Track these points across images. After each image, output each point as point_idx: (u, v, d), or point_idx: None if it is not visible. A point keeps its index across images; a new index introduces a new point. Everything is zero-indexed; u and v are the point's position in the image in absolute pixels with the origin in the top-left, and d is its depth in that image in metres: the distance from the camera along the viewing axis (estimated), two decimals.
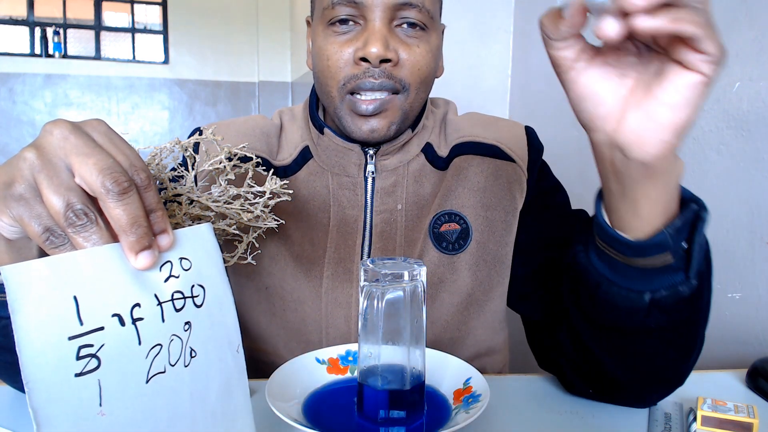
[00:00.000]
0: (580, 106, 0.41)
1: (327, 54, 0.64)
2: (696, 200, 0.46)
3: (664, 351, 0.52)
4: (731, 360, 0.88)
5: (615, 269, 0.48)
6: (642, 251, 0.45)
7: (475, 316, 0.71)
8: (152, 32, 4.24)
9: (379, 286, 0.47)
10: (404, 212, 0.71)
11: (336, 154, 0.72)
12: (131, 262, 0.34)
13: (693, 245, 0.45)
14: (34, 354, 0.30)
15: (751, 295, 0.86)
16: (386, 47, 0.62)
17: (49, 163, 0.34)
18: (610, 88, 0.40)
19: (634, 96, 0.39)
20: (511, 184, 0.71)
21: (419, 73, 0.65)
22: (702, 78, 0.35)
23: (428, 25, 0.64)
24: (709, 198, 0.93)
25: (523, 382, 0.66)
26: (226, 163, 0.54)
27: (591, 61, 0.39)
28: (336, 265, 0.69)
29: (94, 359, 0.32)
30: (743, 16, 0.86)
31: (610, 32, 0.33)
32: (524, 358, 0.88)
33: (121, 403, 0.33)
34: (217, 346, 0.41)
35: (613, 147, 0.41)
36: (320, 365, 0.58)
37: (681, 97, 0.36)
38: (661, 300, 0.47)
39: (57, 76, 4.04)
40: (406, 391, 0.49)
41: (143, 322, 0.35)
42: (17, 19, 3.99)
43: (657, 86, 0.37)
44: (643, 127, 0.38)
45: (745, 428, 0.51)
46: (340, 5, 0.62)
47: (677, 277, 0.47)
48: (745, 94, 0.86)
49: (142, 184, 0.35)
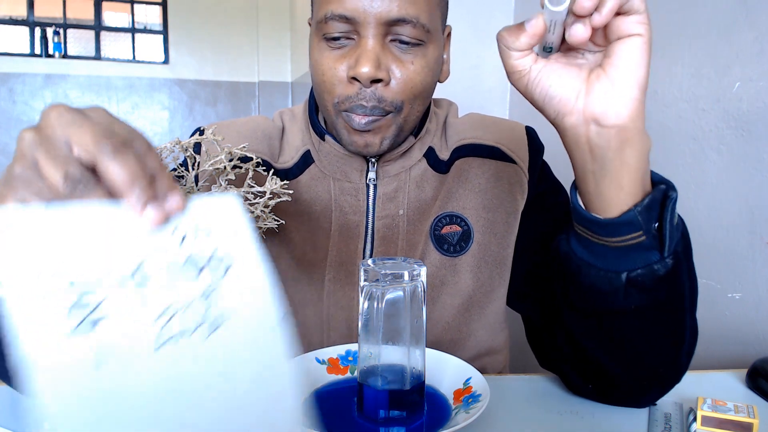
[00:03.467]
0: (548, 96, 0.46)
1: (322, 69, 0.64)
2: (665, 182, 0.48)
3: (649, 336, 0.53)
4: (731, 360, 0.88)
5: (593, 252, 0.51)
6: (614, 230, 0.48)
7: (477, 318, 0.71)
8: (152, 32, 4.24)
9: (379, 286, 0.47)
10: (406, 217, 0.71)
11: (338, 160, 0.72)
12: (138, 221, 0.32)
13: (664, 224, 0.47)
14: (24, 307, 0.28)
15: (751, 295, 0.86)
16: (377, 67, 0.60)
17: (46, 138, 0.33)
18: (572, 74, 0.45)
19: (594, 74, 0.44)
20: (512, 185, 0.72)
21: (413, 91, 0.63)
22: (641, 38, 0.42)
23: (425, 39, 0.63)
24: (709, 198, 0.93)
25: (523, 382, 0.66)
26: (226, 163, 0.54)
27: (547, 63, 0.45)
28: (338, 268, 0.69)
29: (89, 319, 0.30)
30: (743, 17, 0.86)
31: (581, 35, 0.41)
32: (525, 358, 0.88)
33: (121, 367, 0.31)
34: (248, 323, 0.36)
35: (588, 122, 0.45)
36: (320, 365, 0.58)
37: (633, 58, 0.42)
38: (638, 278, 0.49)
39: (57, 76, 4.04)
40: (406, 391, 0.49)
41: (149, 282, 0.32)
42: (17, 19, 3.99)
43: (610, 61, 0.43)
44: (611, 92, 0.43)
45: (745, 428, 0.51)
46: (333, 21, 0.61)
47: (652, 255, 0.49)
48: (745, 94, 0.86)
49: (140, 150, 0.33)
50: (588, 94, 0.44)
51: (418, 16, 0.61)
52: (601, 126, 0.44)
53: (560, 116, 0.46)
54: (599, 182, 0.47)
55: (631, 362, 0.56)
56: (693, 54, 0.95)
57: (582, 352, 0.58)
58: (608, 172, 0.46)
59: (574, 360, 0.60)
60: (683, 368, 0.57)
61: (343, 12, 0.60)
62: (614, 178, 0.46)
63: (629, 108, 0.43)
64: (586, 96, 0.44)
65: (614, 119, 0.44)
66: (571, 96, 0.45)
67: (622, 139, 0.45)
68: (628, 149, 0.45)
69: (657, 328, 0.53)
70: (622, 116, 0.44)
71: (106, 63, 4.14)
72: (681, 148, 0.97)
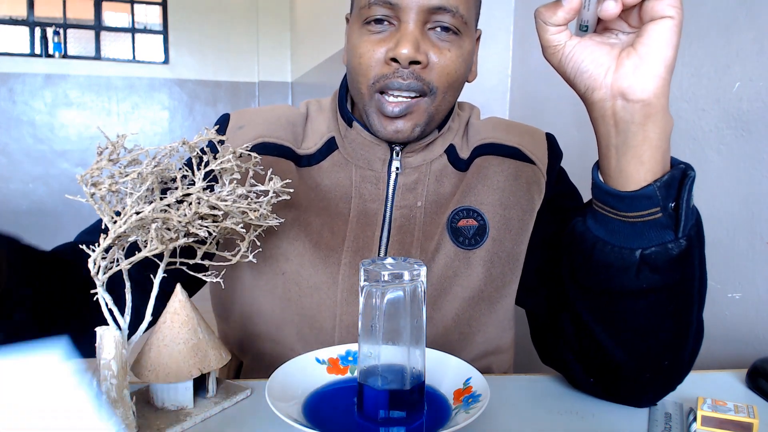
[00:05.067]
0: (580, 71, 0.48)
1: (360, 52, 0.66)
2: (684, 164, 0.50)
3: (656, 322, 0.54)
4: (731, 360, 0.88)
5: (609, 228, 0.52)
6: (632, 203, 0.50)
7: (486, 313, 0.71)
8: (152, 32, 4.24)
9: (379, 286, 0.47)
10: (423, 209, 0.72)
11: (362, 147, 0.73)
12: None
13: (681, 203, 0.49)
14: None
15: (751, 295, 0.86)
16: (417, 49, 0.63)
17: None
18: (604, 51, 0.48)
19: (624, 52, 0.47)
20: (530, 185, 0.73)
21: (448, 78, 0.66)
22: (672, 20, 0.44)
23: (461, 30, 0.66)
24: (709, 198, 0.93)
25: (524, 382, 0.66)
26: (233, 162, 0.54)
27: (580, 40, 0.48)
28: (354, 254, 0.70)
29: None
30: (743, 16, 0.86)
31: (612, 10, 0.44)
32: (528, 357, 0.88)
33: None
34: None
35: (615, 96, 0.47)
36: (320, 365, 0.58)
37: (662, 38, 0.45)
38: (651, 256, 0.50)
39: (57, 76, 4.04)
40: (406, 391, 0.49)
41: None
42: (17, 19, 3.99)
43: (640, 39, 0.46)
44: (639, 69, 0.46)
45: (745, 428, 0.51)
46: (376, 5, 0.64)
47: (667, 235, 0.50)
48: (745, 94, 0.86)
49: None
50: (617, 70, 0.47)
51: (458, 6, 0.64)
52: (627, 100, 0.47)
53: (589, 90, 0.48)
54: (621, 157, 0.49)
55: (636, 348, 0.56)
56: (693, 53, 0.95)
57: (588, 337, 0.58)
58: (631, 146, 0.48)
59: (579, 349, 0.60)
60: (686, 367, 0.57)
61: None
62: (636, 153, 0.48)
63: (654, 84, 0.45)
64: (615, 72, 0.47)
65: (640, 94, 0.46)
66: (601, 72, 0.47)
67: (646, 114, 0.47)
68: (651, 124, 0.47)
69: (665, 313, 0.53)
70: (647, 91, 0.46)
71: (106, 63, 4.15)
72: (681, 148, 0.98)
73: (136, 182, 0.47)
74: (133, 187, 0.47)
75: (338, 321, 0.69)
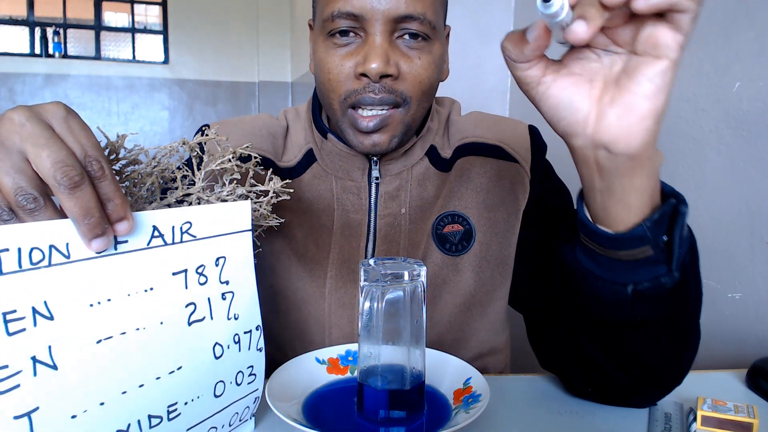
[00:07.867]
0: (556, 117, 0.43)
1: (328, 68, 0.64)
2: (675, 195, 0.47)
3: (653, 345, 0.53)
4: (731, 360, 0.88)
5: (599, 263, 0.49)
6: (622, 244, 0.46)
7: (478, 317, 0.71)
8: (152, 32, 4.24)
9: (379, 286, 0.47)
10: (408, 215, 0.71)
11: (340, 158, 0.72)
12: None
13: (673, 238, 0.46)
14: None
15: (751, 295, 0.86)
16: (386, 62, 0.61)
17: (1, 145, 0.35)
18: (582, 93, 0.41)
19: (607, 95, 0.40)
20: (514, 184, 0.72)
21: (421, 86, 0.64)
22: (670, 63, 0.37)
23: (430, 35, 0.63)
24: (709, 198, 0.93)
25: (524, 382, 0.66)
26: (233, 162, 0.54)
27: (557, 74, 0.41)
28: (340, 266, 0.69)
29: None
30: (743, 16, 0.86)
31: (581, 35, 0.34)
32: (526, 358, 0.88)
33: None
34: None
35: (596, 147, 0.42)
36: (320, 365, 0.58)
37: (655, 85, 0.38)
38: (644, 292, 0.48)
39: (57, 76, 4.04)
40: (406, 391, 0.49)
41: None
42: (17, 19, 3.99)
43: (628, 81, 0.39)
44: (624, 121, 0.39)
45: (745, 428, 0.51)
46: (340, 18, 0.61)
47: (659, 269, 0.47)
48: (745, 94, 0.86)
49: (96, 175, 0.36)
50: (598, 121, 0.41)
51: (425, 13, 0.61)
52: (610, 152, 0.41)
53: (568, 136, 0.44)
54: (606, 200, 0.46)
55: (634, 368, 0.55)
56: (693, 54, 0.95)
57: (584, 356, 0.57)
58: (616, 192, 0.45)
59: (576, 363, 0.59)
60: (685, 371, 0.57)
61: (350, 9, 0.60)
62: (622, 198, 0.45)
63: (642, 138, 0.40)
64: (596, 122, 0.41)
65: (625, 149, 0.40)
66: (579, 119, 0.41)
67: (632, 166, 0.42)
68: (638, 173, 0.43)
69: (662, 337, 0.52)
70: (632, 147, 0.40)
71: (106, 63, 4.15)
72: (681, 148, 0.97)
73: (136, 182, 0.47)
74: (133, 187, 0.47)
75: (328, 334, 0.68)
